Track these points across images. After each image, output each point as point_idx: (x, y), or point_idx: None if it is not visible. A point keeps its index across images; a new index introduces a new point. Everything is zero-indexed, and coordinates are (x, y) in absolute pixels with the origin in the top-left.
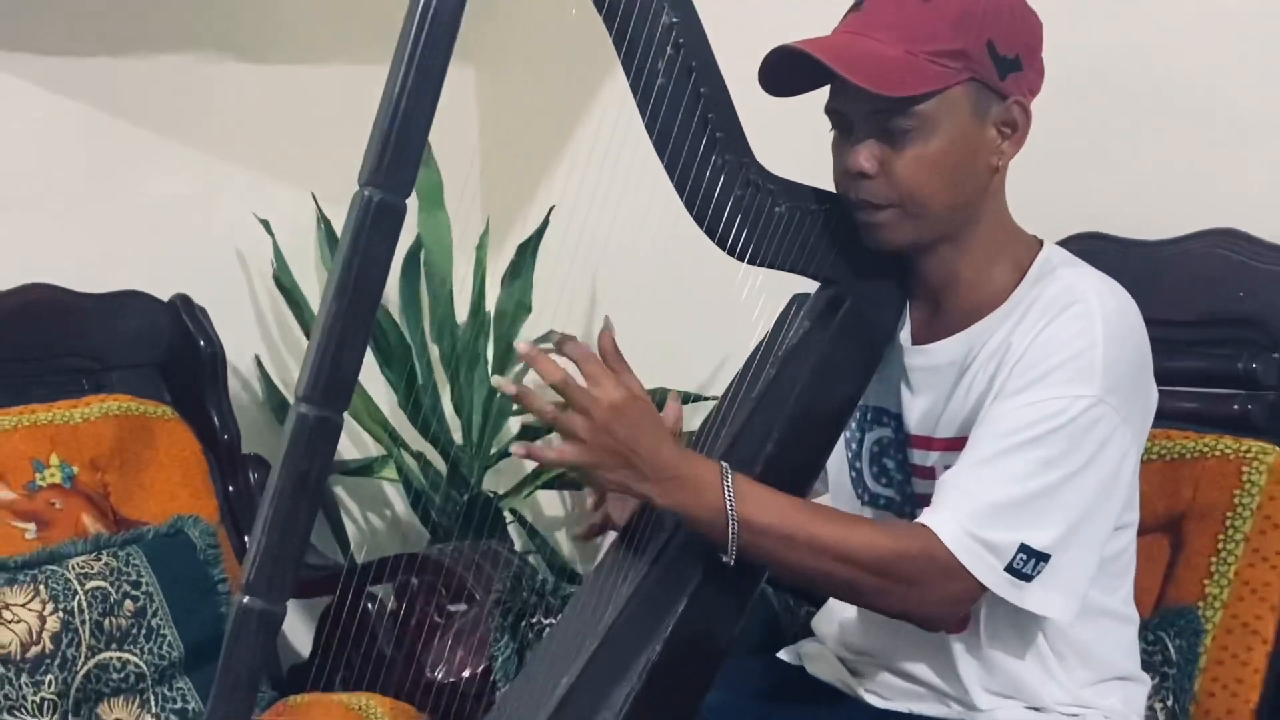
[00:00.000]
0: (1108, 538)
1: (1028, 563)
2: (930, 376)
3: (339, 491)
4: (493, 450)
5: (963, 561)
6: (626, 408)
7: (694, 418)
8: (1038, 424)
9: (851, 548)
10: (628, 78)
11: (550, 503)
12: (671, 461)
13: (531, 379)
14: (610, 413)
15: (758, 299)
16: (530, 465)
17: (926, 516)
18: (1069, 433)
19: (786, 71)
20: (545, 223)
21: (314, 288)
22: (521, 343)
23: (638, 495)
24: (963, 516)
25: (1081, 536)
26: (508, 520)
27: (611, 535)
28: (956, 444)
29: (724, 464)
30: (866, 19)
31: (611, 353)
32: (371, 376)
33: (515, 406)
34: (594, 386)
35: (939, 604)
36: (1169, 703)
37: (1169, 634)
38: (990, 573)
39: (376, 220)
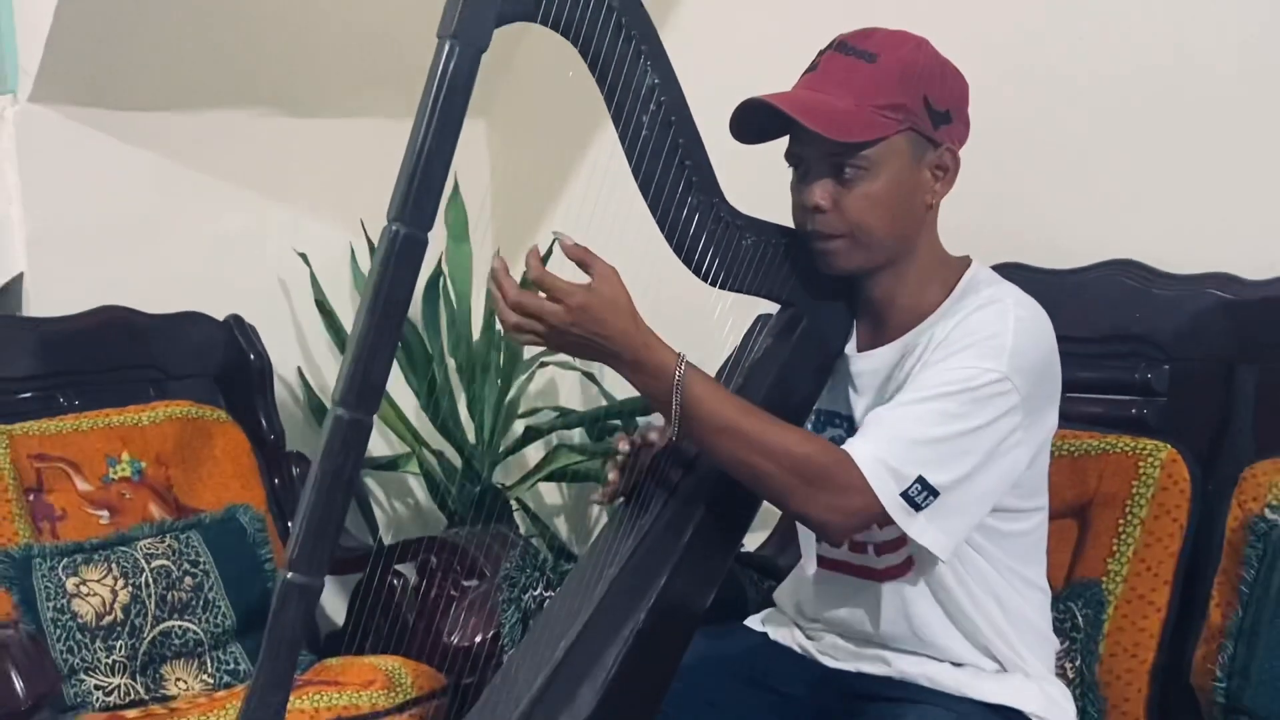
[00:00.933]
0: (992, 499)
1: (920, 494)
2: (872, 378)
3: (369, 483)
4: (501, 448)
5: (868, 478)
6: (587, 307)
7: None
8: (950, 384)
9: (773, 444)
10: (616, 130)
11: (550, 493)
12: (633, 347)
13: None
14: (571, 313)
15: (728, 318)
16: (534, 460)
17: (848, 444)
18: (974, 397)
19: (753, 122)
20: (549, 252)
21: (348, 309)
22: (497, 259)
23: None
24: (876, 444)
25: (968, 485)
26: (514, 508)
27: (604, 520)
28: None
29: (681, 355)
30: (821, 77)
31: (577, 253)
32: (398, 384)
33: (521, 410)
34: (560, 295)
35: (838, 513)
36: (1077, 663)
37: (1077, 604)
38: (888, 495)
39: (402, 250)
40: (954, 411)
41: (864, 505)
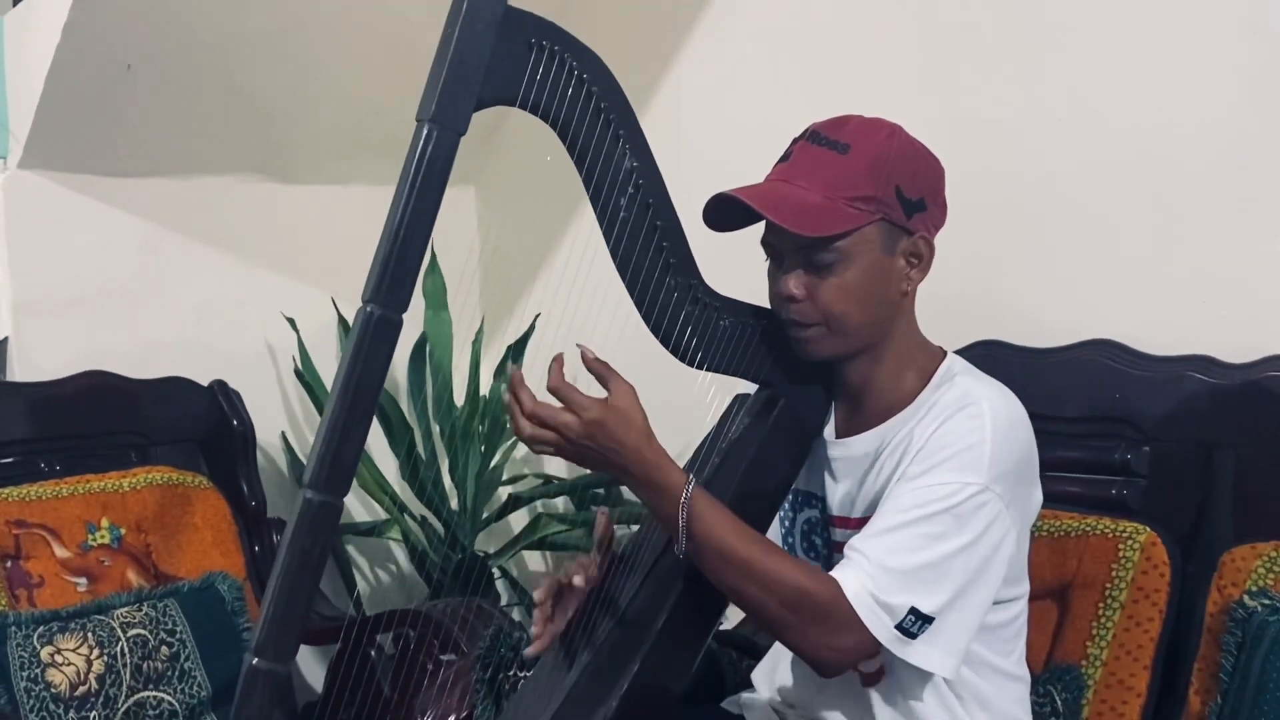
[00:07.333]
0: (987, 606)
1: (915, 623)
2: (849, 465)
3: (350, 550)
4: (484, 515)
5: (861, 616)
6: (602, 424)
7: None
8: (931, 503)
9: (772, 577)
10: (594, 211)
11: (534, 561)
12: (645, 465)
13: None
14: (587, 428)
15: (707, 393)
16: (517, 528)
17: (836, 572)
18: (957, 514)
19: (726, 212)
20: (531, 328)
21: (332, 375)
22: (514, 368)
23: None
24: (864, 578)
25: (962, 604)
26: (496, 576)
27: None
28: (868, 523)
29: (690, 477)
30: (792, 169)
31: (597, 366)
32: (381, 451)
33: (505, 477)
34: (576, 409)
35: (832, 650)
36: None
37: (1056, 688)
38: (882, 629)
39: (376, 332)
40: (937, 533)
41: (857, 643)
